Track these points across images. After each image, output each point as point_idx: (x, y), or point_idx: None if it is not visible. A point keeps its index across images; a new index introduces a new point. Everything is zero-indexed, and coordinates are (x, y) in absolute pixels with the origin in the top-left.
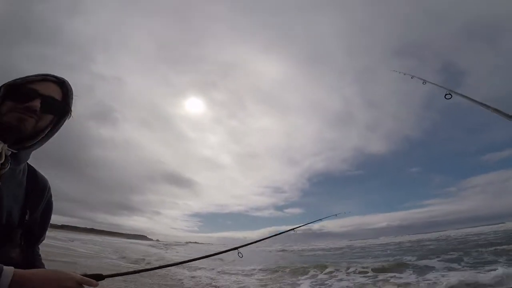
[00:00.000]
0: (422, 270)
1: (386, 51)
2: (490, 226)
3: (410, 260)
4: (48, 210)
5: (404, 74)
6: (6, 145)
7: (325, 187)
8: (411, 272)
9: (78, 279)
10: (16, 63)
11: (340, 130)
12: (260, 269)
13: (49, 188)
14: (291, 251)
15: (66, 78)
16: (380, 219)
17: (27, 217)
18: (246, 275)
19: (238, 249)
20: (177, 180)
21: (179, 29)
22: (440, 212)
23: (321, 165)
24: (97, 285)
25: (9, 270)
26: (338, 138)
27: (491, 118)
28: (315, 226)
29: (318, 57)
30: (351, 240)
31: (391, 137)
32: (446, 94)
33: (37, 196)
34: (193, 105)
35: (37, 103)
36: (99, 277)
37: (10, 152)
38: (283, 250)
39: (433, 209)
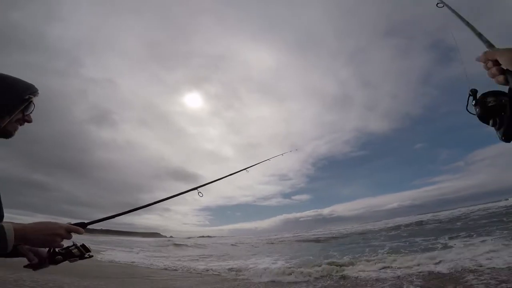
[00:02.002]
0: None
1: (376, 31)
2: (495, 203)
3: None
4: None
5: None
6: None
7: (331, 170)
8: None
9: (66, 227)
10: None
11: (339, 112)
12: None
13: None
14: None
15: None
16: (390, 200)
17: None
18: None
19: (198, 189)
20: (182, 176)
21: (164, 26)
22: (450, 189)
23: (323, 148)
24: (83, 231)
25: (8, 225)
26: (338, 120)
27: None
28: (325, 211)
29: (308, 42)
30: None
31: (391, 115)
32: (438, 3)
33: None
34: (189, 100)
35: (31, 119)
36: (83, 225)
37: None
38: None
39: (443, 186)
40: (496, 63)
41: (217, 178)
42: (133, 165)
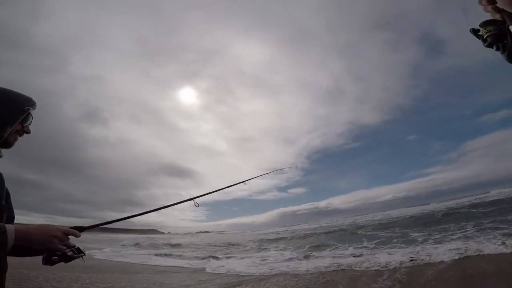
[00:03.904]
0: None
1: (367, 25)
2: (474, 197)
3: None
4: (8, 195)
5: None
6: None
7: (325, 163)
8: None
9: (65, 230)
10: None
11: (331, 105)
12: None
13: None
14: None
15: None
16: (385, 192)
17: (3, 201)
18: None
19: (194, 199)
20: (177, 171)
21: (153, 21)
22: (444, 180)
23: (317, 141)
24: (79, 235)
25: (10, 226)
26: (330, 113)
27: (481, 82)
28: (322, 204)
29: (300, 36)
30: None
31: (382, 108)
32: None
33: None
34: (181, 96)
35: (30, 130)
36: (81, 229)
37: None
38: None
39: (436, 177)
40: (492, 1)
41: (214, 190)
42: (127, 162)
